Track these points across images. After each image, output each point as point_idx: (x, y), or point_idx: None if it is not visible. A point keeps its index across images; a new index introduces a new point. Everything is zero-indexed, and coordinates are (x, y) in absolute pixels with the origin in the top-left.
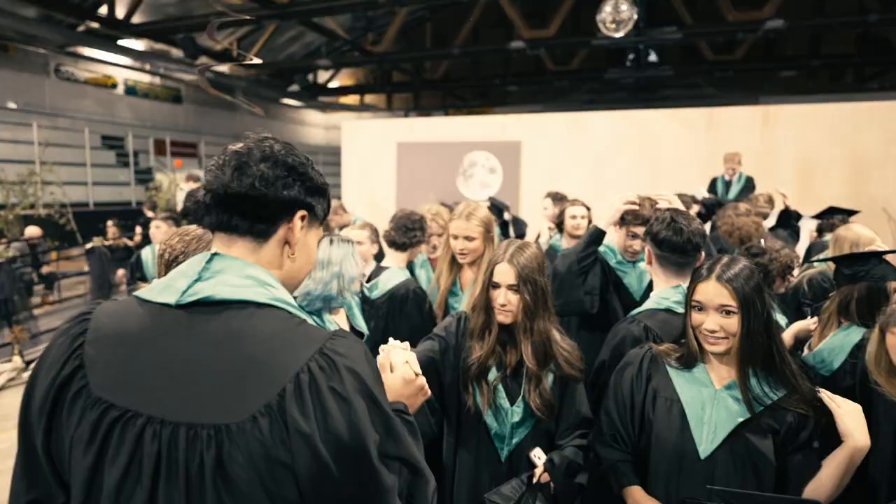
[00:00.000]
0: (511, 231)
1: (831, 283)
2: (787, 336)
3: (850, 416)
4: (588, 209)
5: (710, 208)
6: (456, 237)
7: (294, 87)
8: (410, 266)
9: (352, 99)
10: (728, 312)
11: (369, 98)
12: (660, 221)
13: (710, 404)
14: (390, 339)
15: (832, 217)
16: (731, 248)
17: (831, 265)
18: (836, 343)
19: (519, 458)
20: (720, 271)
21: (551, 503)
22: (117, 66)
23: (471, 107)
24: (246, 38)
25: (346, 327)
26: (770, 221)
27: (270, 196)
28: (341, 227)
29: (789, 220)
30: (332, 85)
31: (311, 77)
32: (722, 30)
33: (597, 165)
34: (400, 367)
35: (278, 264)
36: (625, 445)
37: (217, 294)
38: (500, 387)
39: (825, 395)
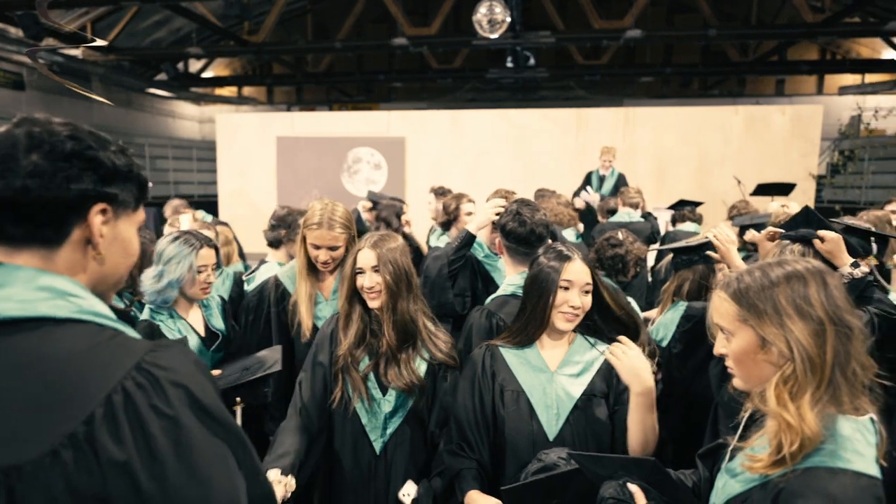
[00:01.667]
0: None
1: None
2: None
3: (626, 371)
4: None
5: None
6: (318, 247)
7: (161, 76)
8: None
9: (229, 91)
10: (587, 292)
11: (249, 90)
12: (507, 213)
13: (549, 387)
14: (273, 473)
15: (683, 208)
16: None
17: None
18: (667, 319)
19: (395, 450)
20: (579, 255)
21: None
22: None
23: (355, 102)
24: (103, 20)
25: (202, 327)
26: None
27: (51, 195)
28: None
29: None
30: (206, 75)
31: (181, 66)
32: (590, 35)
33: (478, 162)
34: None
35: (81, 268)
36: (472, 451)
37: (0, 312)
38: (372, 376)
39: (607, 351)
